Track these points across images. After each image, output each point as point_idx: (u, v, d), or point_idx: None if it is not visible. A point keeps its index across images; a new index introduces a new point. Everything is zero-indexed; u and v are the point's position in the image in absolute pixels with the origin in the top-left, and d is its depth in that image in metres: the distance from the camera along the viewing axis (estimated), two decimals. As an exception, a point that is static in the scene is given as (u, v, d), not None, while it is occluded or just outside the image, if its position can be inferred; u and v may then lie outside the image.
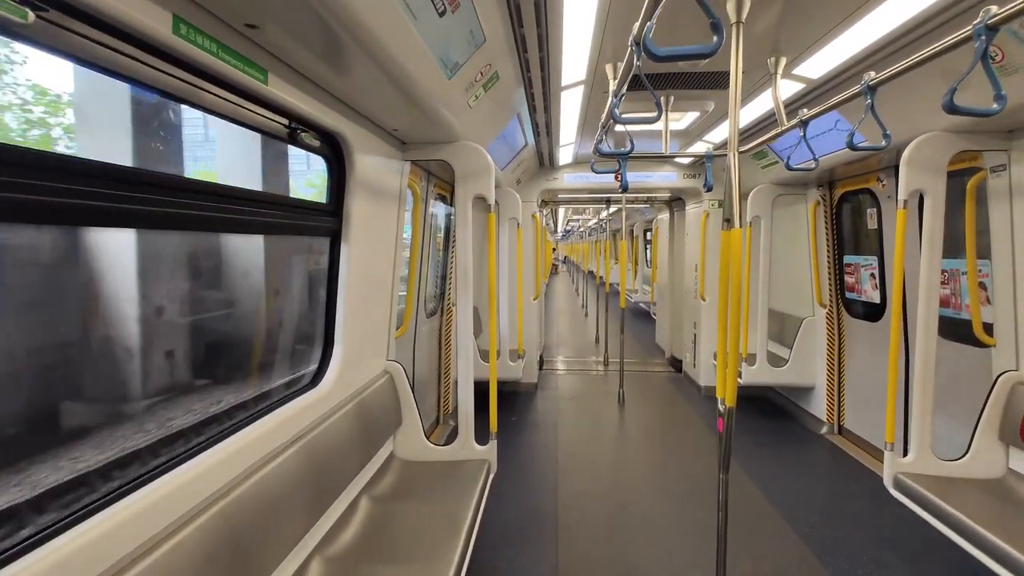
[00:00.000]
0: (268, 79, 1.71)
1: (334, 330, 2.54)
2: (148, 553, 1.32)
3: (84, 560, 1.18)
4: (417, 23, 1.77)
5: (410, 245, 3.89)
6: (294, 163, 2.78)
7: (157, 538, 1.37)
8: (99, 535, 1.23)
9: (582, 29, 2.51)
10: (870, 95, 2.22)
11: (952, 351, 3.45)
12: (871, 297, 4.45)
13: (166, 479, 1.46)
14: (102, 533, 1.23)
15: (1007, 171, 2.80)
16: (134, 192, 1.38)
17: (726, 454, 2.23)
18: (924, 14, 2.17)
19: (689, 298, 6.79)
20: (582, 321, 12.49)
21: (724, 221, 2.18)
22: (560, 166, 6.28)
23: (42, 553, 1.12)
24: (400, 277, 3.26)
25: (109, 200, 1.30)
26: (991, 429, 2.81)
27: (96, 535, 1.22)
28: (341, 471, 2.39)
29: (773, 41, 2.69)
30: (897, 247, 2.83)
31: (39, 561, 1.09)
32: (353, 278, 2.59)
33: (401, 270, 3.27)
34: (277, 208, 2.11)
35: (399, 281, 3.25)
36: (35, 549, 1.12)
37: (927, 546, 3.02)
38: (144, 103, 1.92)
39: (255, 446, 1.85)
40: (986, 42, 1.59)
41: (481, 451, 3.10)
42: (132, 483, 1.41)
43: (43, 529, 1.18)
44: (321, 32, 1.57)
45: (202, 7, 1.38)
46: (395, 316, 3.26)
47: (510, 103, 3.39)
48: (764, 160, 4.85)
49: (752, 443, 4.71)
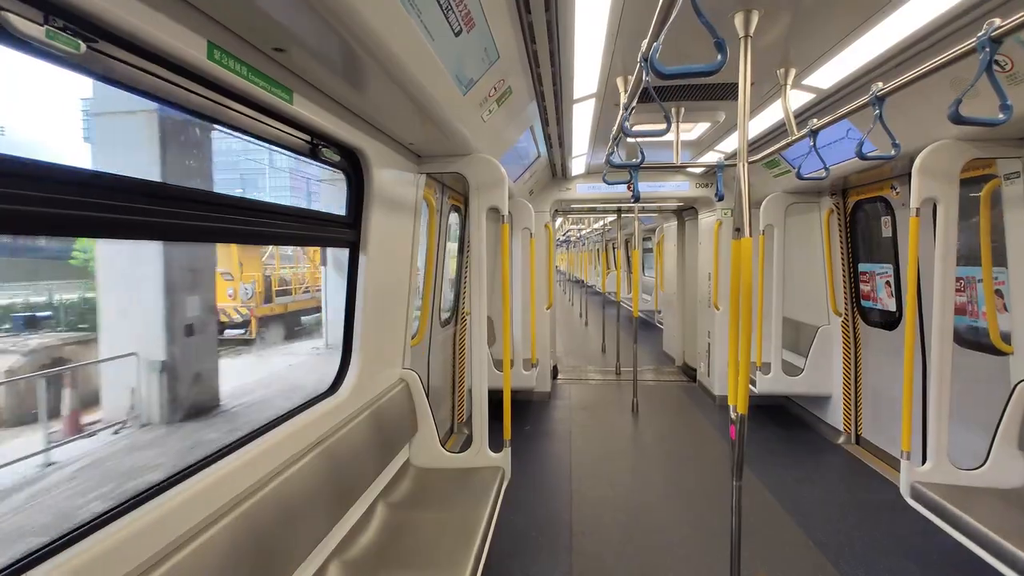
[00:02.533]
0: (293, 99, 1.79)
1: (352, 339, 2.61)
2: (174, 553, 1.38)
3: (112, 560, 1.25)
4: (434, 43, 1.84)
5: (425, 256, 3.97)
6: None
7: (183, 539, 1.43)
8: (128, 535, 1.29)
9: (593, 44, 2.57)
10: (878, 105, 2.25)
11: (971, 359, 3.42)
12: (887, 305, 4.42)
13: (192, 482, 1.53)
14: (131, 533, 1.30)
15: (1021, 178, 2.80)
16: (161, 206, 1.47)
17: (739, 460, 2.25)
18: (931, 25, 2.20)
19: (703, 307, 6.78)
20: (582, 331, 12.53)
21: (735, 230, 2.22)
22: (573, 177, 6.35)
23: (73, 552, 1.19)
24: (416, 287, 3.32)
25: (139, 214, 1.40)
26: (1010, 438, 2.79)
27: (125, 535, 1.29)
28: (358, 477, 2.44)
29: (783, 53, 2.73)
30: (910, 255, 2.83)
31: (71, 559, 1.16)
32: (370, 288, 2.66)
33: (417, 280, 3.34)
34: (297, 220, 2.19)
35: (415, 291, 3.32)
36: (66, 549, 1.20)
37: (944, 556, 2.98)
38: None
39: (276, 451, 1.92)
40: (990, 54, 1.62)
41: (495, 458, 3.14)
42: (160, 485, 1.48)
43: (75, 529, 1.25)
44: (343, 53, 1.65)
45: (235, 33, 1.47)
46: (411, 325, 3.33)
47: (523, 116, 3.46)
48: (776, 169, 4.87)
49: (768, 453, 4.68)
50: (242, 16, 1.39)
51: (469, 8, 1.85)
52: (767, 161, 4.67)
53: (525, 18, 2.20)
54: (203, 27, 1.36)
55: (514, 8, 2.11)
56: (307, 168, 31.60)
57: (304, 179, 63.49)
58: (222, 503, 1.61)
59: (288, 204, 2.13)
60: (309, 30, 1.48)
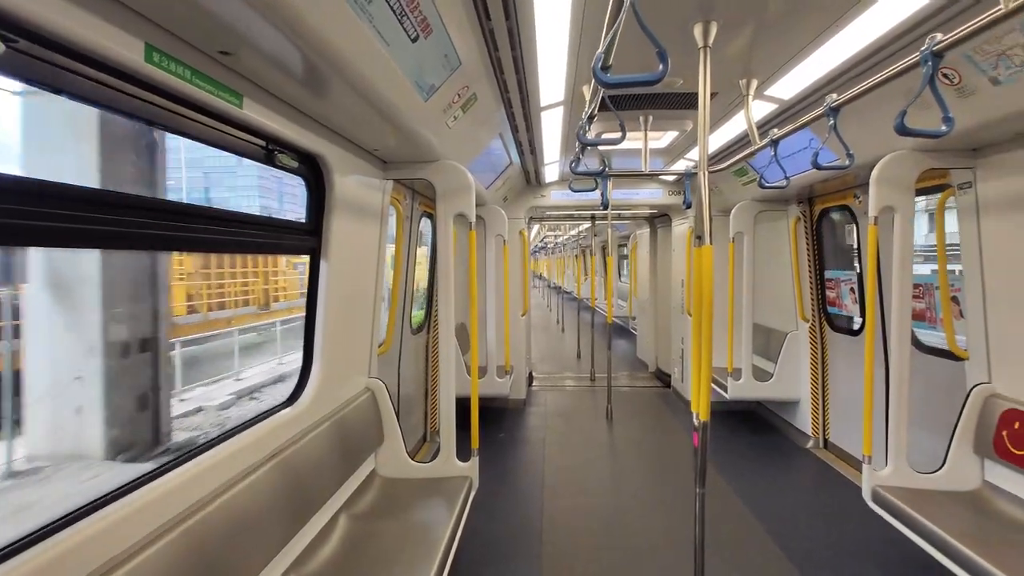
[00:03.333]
0: (243, 103, 1.75)
1: (313, 348, 2.55)
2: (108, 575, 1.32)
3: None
4: (390, 48, 1.82)
5: (393, 263, 3.92)
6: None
7: (118, 560, 1.37)
8: (55, 556, 1.23)
9: (557, 52, 2.58)
10: (833, 116, 2.29)
11: (932, 364, 3.50)
12: (851, 311, 4.51)
13: (130, 499, 1.47)
14: (58, 555, 1.24)
15: (973, 188, 2.88)
16: (112, 215, 1.44)
17: (702, 468, 2.25)
18: (883, 39, 2.26)
19: (676, 313, 6.84)
20: (559, 336, 12.55)
21: (696, 238, 2.23)
22: (547, 184, 6.36)
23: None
24: (382, 295, 3.28)
25: (88, 223, 1.36)
26: (966, 442, 2.85)
27: (52, 557, 1.22)
28: (319, 489, 2.39)
29: (744, 64, 2.77)
30: (869, 262, 2.89)
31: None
32: (333, 296, 2.61)
33: (384, 287, 3.30)
34: (255, 227, 2.14)
35: (382, 299, 3.27)
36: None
37: (908, 559, 3.02)
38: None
39: (227, 464, 1.86)
40: (933, 67, 1.66)
41: (463, 468, 3.10)
42: (93, 503, 1.41)
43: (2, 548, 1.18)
44: (295, 58, 1.62)
45: (175, 35, 1.43)
46: (378, 333, 3.28)
47: (491, 123, 3.45)
48: (745, 177, 4.94)
49: (739, 458, 4.71)
50: (182, 18, 1.35)
51: (425, 14, 1.83)
52: (736, 169, 4.75)
53: (486, 25, 2.19)
54: (139, 28, 1.31)
55: (473, 15, 2.10)
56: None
57: (276, 178, 62.09)
58: (164, 520, 1.54)
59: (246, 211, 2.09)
60: (256, 33, 1.44)
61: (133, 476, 1.57)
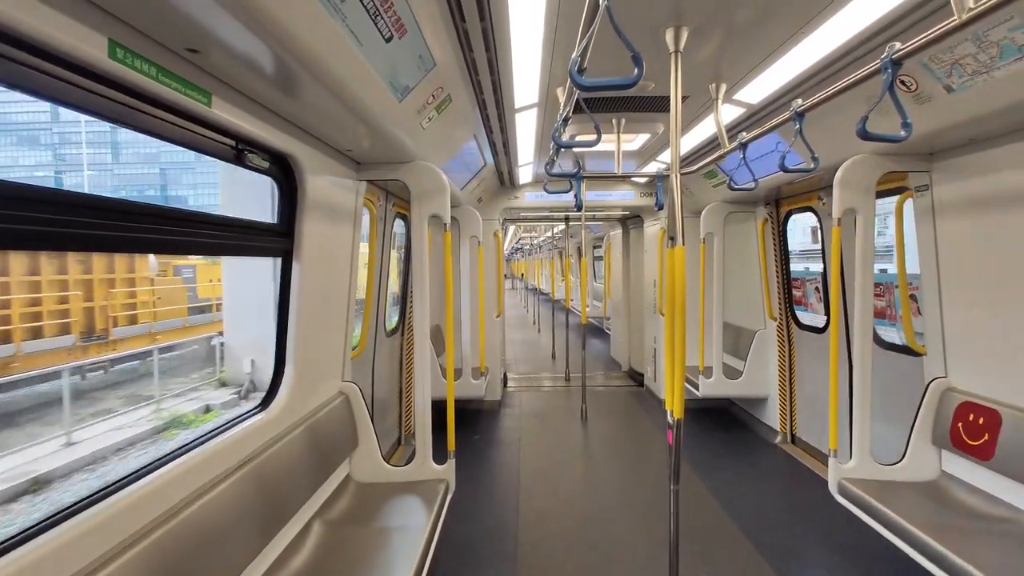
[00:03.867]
0: (212, 102, 1.71)
1: (285, 352, 2.50)
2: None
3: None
4: (363, 48, 1.80)
5: (367, 265, 3.88)
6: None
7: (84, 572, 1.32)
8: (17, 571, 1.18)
9: (531, 54, 2.59)
10: (799, 120, 2.36)
11: (893, 360, 3.63)
12: (816, 310, 4.65)
13: (94, 511, 1.42)
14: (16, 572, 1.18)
15: (929, 191, 3.00)
16: (79, 216, 1.40)
17: (675, 465, 2.29)
18: (846, 47, 2.34)
19: (649, 313, 6.94)
20: (535, 337, 12.58)
21: (669, 239, 2.26)
22: (521, 185, 6.38)
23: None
24: (356, 297, 3.24)
25: (47, 224, 1.31)
26: (924, 434, 2.97)
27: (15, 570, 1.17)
28: (291, 496, 2.34)
29: (714, 69, 2.83)
30: (833, 262, 2.99)
31: None
32: (305, 298, 2.56)
33: (358, 290, 3.26)
34: (224, 228, 2.09)
35: (355, 301, 3.23)
36: None
37: (873, 548, 3.13)
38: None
39: (196, 472, 1.81)
40: (892, 74, 1.73)
41: (439, 471, 3.08)
42: (55, 516, 1.35)
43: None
44: (266, 57, 1.58)
45: (140, 32, 1.38)
46: (351, 336, 3.23)
47: (465, 124, 3.45)
48: (715, 180, 5.05)
49: (711, 455, 4.81)
50: (147, 14, 1.31)
51: (399, 14, 1.82)
52: (707, 172, 4.84)
53: (460, 26, 2.19)
54: (102, 24, 1.27)
55: (448, 16, 2.09)
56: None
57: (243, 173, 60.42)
58: (128, 533, 1.49)
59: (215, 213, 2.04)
60: (225, 31, 1.41)
61: (95, 488, 1.52)
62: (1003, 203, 2.59)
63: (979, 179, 2.72)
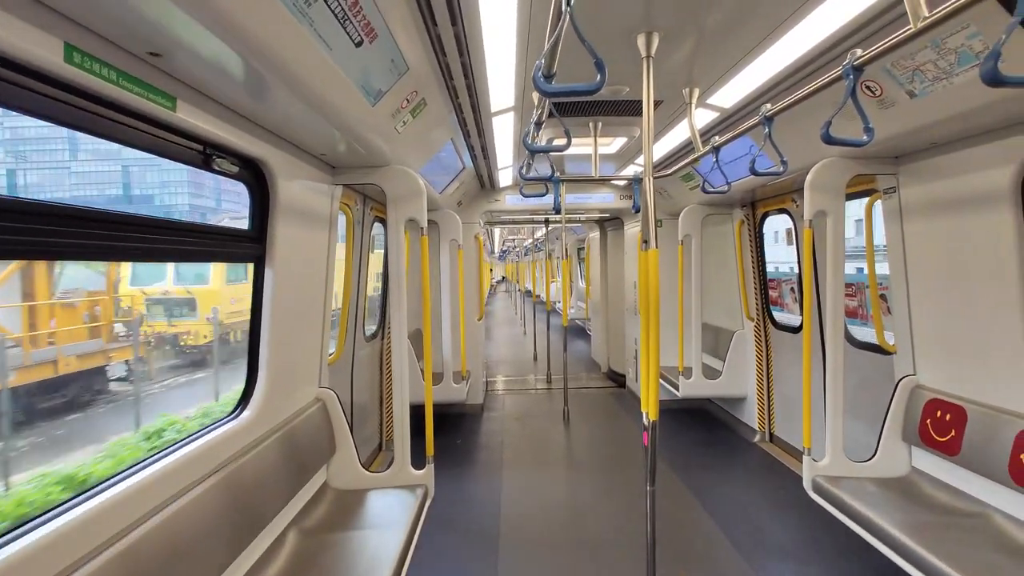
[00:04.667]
0: (177, 106, 1.68)
1: (258, 358, 2.47)
2: None
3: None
4: (333, 53, 1.79)
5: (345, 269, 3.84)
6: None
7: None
8: None
9: (505, 58, 2.60)
10: (768, 124, 2.41)
11: (864, 359, 3.71)
12: (792, 310, 4.73)
13: (60, 522, 1.38)
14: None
15: (896, 193, 3.08)
16: (45, 224, 1.38)
17: (652, 467, 2.31)
18: (811, 53, 2.39)
19: (629, 314, 6.99)
20: (521, 341, 12.57)
21: (643, 242, 2.28)
22: (501, 188, 6.39)
23: None
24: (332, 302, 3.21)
25: (19, 233, 1.30)
26: (895, 431, 3.03)
27: None
28: (266, 504, 2.30)
29: (687, 74, 2.87)
30: (805, 263, 3.05)
31: None
32: (279, 304, 2.53)
33: (333, 295, 3.23)
34: (195, 235, 2.06)
35: (332, 306, 3.20)
36: None
37: (847, 544, 3.19)
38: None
39: (165, 482, 1.77)
40: (854, 80, 1.77)
41: (418, 476, 3.06)
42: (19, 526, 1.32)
43: None
44: (232, 61, 1.56)
45: (98, 35, 1.35)
46: (328, 342, 3.20)
47: (441, 128, 3.44)
48: (692, 182, 5.11)
49: (690, 454, 4.86)
50: (105, 17, 1.28)
51: (369, 19, 1.81)
52: (683, 174, 4.90)
53: (432, 30, 2.18)
54: (57, 27, 1.24)
55: (420, 20, 2.09)
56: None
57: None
58: (96, 543, 1.45)
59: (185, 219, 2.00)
60: (187, 35, 1.39)
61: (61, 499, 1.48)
62: (966, 205, 2.66)
63: (943, 181, 2.79)
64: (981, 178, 2.54)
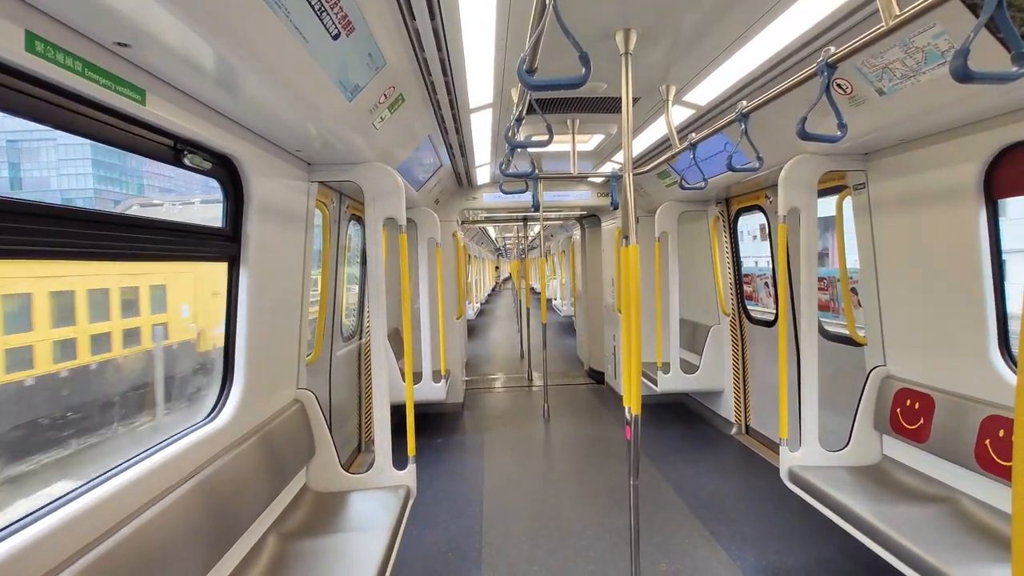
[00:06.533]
0: (147, 99, 1.62)
1: (233, 360, 2.40)
2: None
3: None
4: (309, 45, 1.75)
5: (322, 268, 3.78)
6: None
7: None
8: None
9: (484, 54, 2.58)
10: (744, 121, 2.44)
11: (836, 351, 3.81)
12: (767, 304, 4.83)
13: (24, 535, 1.31)
14: None
15: (866, 189, 3.16)
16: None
17: (635, 460, 2.33)
18: (786, 50, 2.43)
19: (608, 311, 7.04)
20: (516, 339, 12.50)
21: (623, 238, 2.30)
22: (479, 186, 6.36)
23: None
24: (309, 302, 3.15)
25: None
26: (867, 420, 3.12)
27: None
28: (244, 509, 2.25)
29: (664, 71, 2.90)
30: (780, 258, 3.11)
31: None
32: (254, 304, 2.47)
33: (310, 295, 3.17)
34: (166, 233, 2.00)
35: (309, 306, 3.14)
36: None
37: (823, 531, 3.27)
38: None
39: (136, 490, 1.71)
40: (828, 77, 1.81)
41: (400, 476, 3.03)
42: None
43: None
44: (203, 53, 1.51)
45: (63, 24, 1.30)
46: (305, 342, 3.14)
47: (419, 124, 3.41)
48: (668, 179, 5.17)
49: (670, 448, 4.92)
50: (69, 4, 1.23)
51: (346, 11, 1.78)
52: (660, 172, 4.95)
53: (411, 24, 2.16)
54: (17, 13, 1.18)
55: (397, 14, 2.06)
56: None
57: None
58: (66, 555, 1.39)
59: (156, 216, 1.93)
60: (157, 24, 1.34)
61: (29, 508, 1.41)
62: (931, 200, 2.75)
63: (910, 177, 2.88)
64: (947, 173, 2.63)
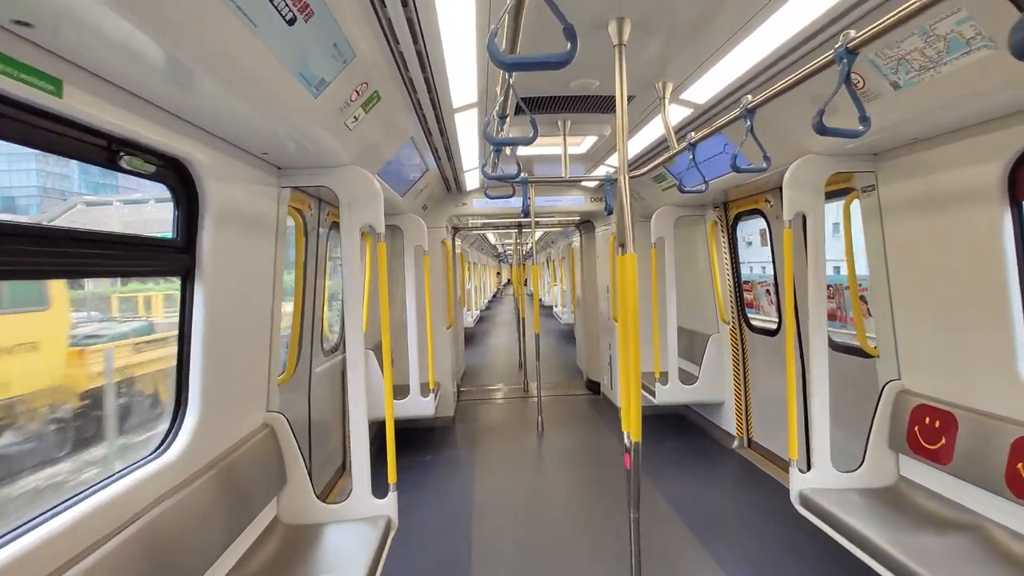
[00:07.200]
0: (63, 91, 1.39)
1: (187, 385, 2.16)
2: None
3: None
4: (259, 31, 1.53)
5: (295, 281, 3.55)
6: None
7: None
8: None
9: (465, 48, 2.37)
10: (749, 118, 2.24)
11: (845, 362, 3.59)
12: (768, 312, 4.62)
13: None
14: None
15: (875, 191, 2.97)
16: None
17: (635, 493, 2.11)
18: (795, 40, 2.23)
19: (604, 320, 6.82)
20: (516, 347, 12.26)
21: (619, 246, 2.10)
22: (468, 191, 6.15)
23: None
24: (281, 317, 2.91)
25: None
26: (881, 438, 2.91)
27: None
28: (200, 553, 2.00)
29: (660, 66, 2.70)
30: (785, 264, 2.90)
31: None
32: (212, 322, 2.23)
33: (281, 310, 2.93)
34: (108, 246, 1.77)
35: (280, 321, 2.90)
36: None
37: (833, 555, 3.05)
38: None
39: (65, 539, 1.46)
40: (848, 64, 1.61)
41: (380, 506, 2.79)
42: None
43: None
44: (127, 35, 1.29)
45: None
46: (278, 361, 2.90)
47: (400, 125, 3.19)
48: (664, 183, 4.97)
49: (668, 462, 4.70)
50: None
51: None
52: (656, 175, 4.75)
53: (381, 12, 1.94)
54: None
55: (365, 0, 1.84)
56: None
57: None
58: None
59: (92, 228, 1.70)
60: (61, 1, 1.12)
61: None
62: (947, 202, 2.56)
63: (923, 179, 2.68)
64: (966, 174, 2.43)
